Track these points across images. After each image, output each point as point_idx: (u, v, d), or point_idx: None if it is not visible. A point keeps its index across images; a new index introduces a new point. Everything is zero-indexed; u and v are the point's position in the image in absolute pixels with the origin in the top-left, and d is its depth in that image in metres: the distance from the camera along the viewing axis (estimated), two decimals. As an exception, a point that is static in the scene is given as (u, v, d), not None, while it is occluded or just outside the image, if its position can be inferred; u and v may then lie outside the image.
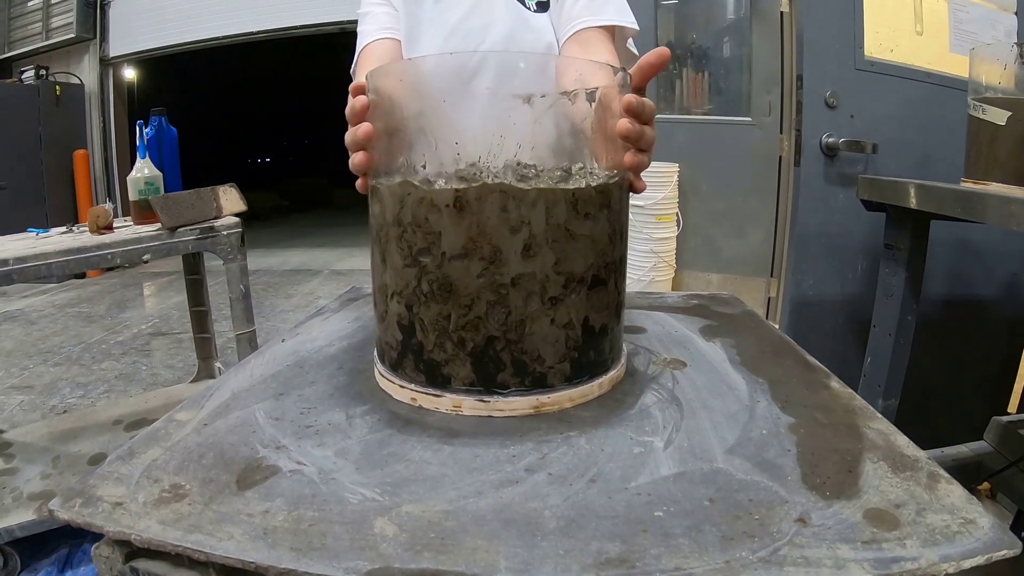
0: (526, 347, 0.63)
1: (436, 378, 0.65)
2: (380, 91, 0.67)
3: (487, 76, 0.64)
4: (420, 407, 0.66)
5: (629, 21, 1.19)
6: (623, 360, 0.75)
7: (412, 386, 0.67)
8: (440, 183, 0.62)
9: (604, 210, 0.65)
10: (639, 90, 0.69)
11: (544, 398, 0.64)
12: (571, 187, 0.62)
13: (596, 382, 0.68)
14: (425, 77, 0.67)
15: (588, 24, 1.16)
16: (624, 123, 0.65)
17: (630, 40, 1.22)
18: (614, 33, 1.19)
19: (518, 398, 0.64)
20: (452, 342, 0.63)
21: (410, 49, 1.21)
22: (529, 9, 1.21)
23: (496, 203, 0.60)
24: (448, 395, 0.65)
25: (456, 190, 0.60)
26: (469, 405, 0.64)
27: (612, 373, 0.71)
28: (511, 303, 0.61)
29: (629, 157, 0.68)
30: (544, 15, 1.21)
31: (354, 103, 0.67)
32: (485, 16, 1.20)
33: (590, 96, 0.64)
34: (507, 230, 0.60)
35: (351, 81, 1.24)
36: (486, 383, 0.64)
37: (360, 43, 1.25)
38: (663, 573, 0.40)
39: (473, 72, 0.65)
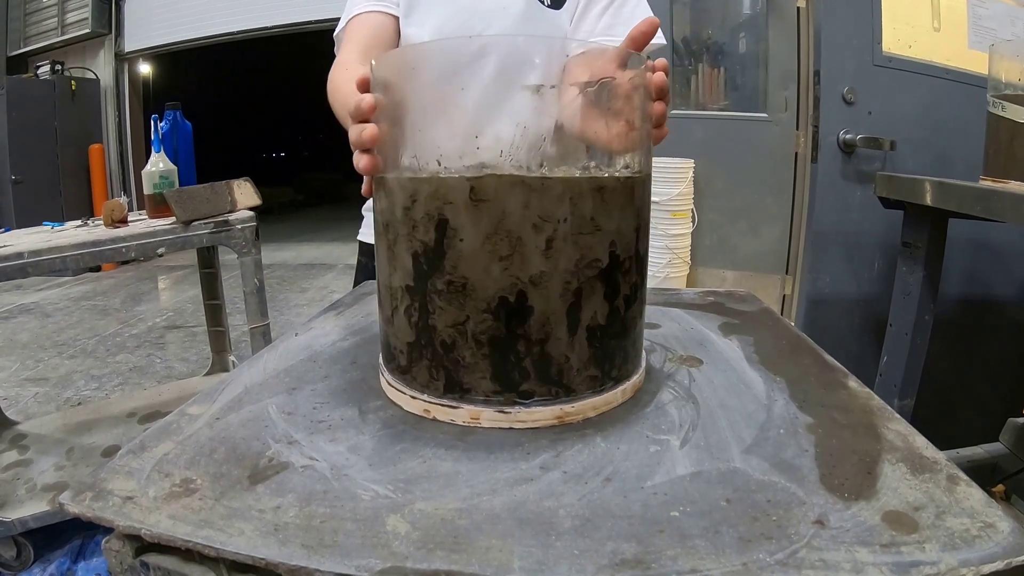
0: (550, 352, 0.59)
1: (453, 387, 0.61)
2: (387, 82, 0.63)
3: (494, 63, 0.62)
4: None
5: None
6: (643, 365, 0.72)
7: (425, 396, 0.63)
8: (454, 176, 0.58)
9: (630, 203, 0.62)
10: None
11: (568, 407, 0.61)
12: (596, 177, 0.59)
13: (620, 388, 0.65)
14: (436, 64, 0.63)
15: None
16: (660, 76, 0.66)
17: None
18: None
19: (541, 408, 0.60)
20: (469, 348, 0.59)
21: (407, 28, 1.16)
22: (542, 3, 1.16)
23: (518, 196, 0.56)
24: (465, 406, 0.61)
25: (470, 180, 0.56)
26: (488, 416, 0.60)
27: (635, 379, 0.68)
28: (533, 303, 0.58)
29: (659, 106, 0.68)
30: (559, 12, 1.16)
31: (359, 102, 0.62)
32: (493, 1, 1.15)
33: (602, 86, 0.61)
34: (529, 225, 0.56)
35: (334, 46, 1.20)
36: (507, 392, 0.60)
37: (349, 10, 1.17)
38: (679, 575, 0.40)
39: (478, 58, 0.63)
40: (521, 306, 0.58)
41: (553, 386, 0.60)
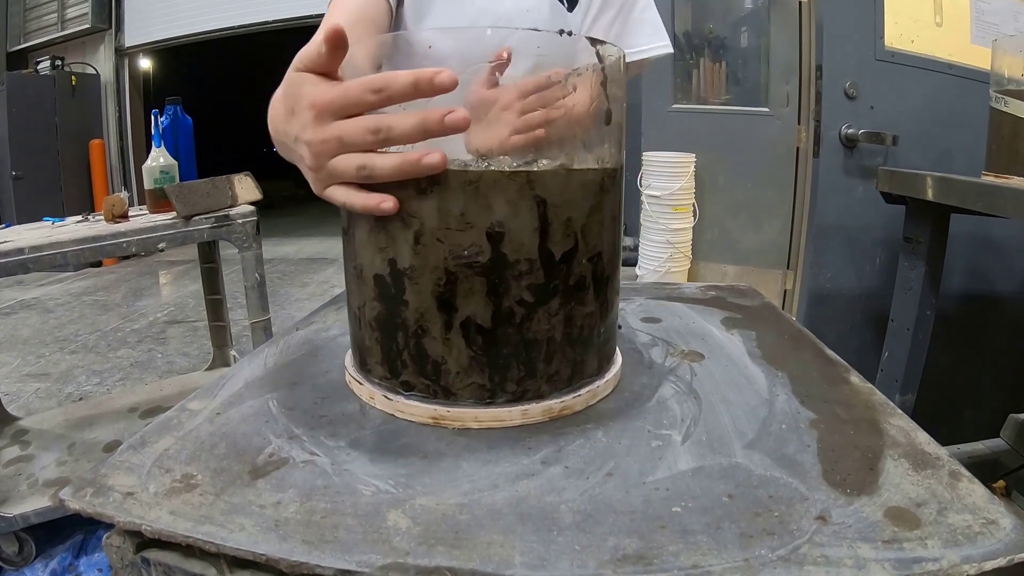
0: (426, 347, 0.58)
1: (363, 363, 0.65)
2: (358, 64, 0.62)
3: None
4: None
5: (662, 46, 1.07)
6: (588, 388, 0.64)
7: (351, 368, 0.68)
8: None
9: (522, 198, 0.56)
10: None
11: (444, 410, 0.59)
12: (466, 170, 0.55)
13: (520, 407, 0.60)
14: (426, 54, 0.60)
15: None
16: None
17: None
18: (642, 62, 1.07)
19: (418, 403, 0.60)
20: (367, 329, 0.63)
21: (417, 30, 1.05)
22: (561, 3, 1.06)
23: (389, 189, 0.56)
24: (367, 384, 0.64)
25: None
26: (380, 400, 0.62)
27: (554, 402, 0.61)
28: (408, 295, 0.57)
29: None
30: (573, 14, 1.07)
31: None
32: (515, 3, 1.04)
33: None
34: (398, 219, 0.57)
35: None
36: (392, 379, 0.61)
37: None
38: (681, 571, 0.40)
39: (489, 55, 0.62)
40: (399, 296, 0.58)
41: (431, 383, 0.59)
